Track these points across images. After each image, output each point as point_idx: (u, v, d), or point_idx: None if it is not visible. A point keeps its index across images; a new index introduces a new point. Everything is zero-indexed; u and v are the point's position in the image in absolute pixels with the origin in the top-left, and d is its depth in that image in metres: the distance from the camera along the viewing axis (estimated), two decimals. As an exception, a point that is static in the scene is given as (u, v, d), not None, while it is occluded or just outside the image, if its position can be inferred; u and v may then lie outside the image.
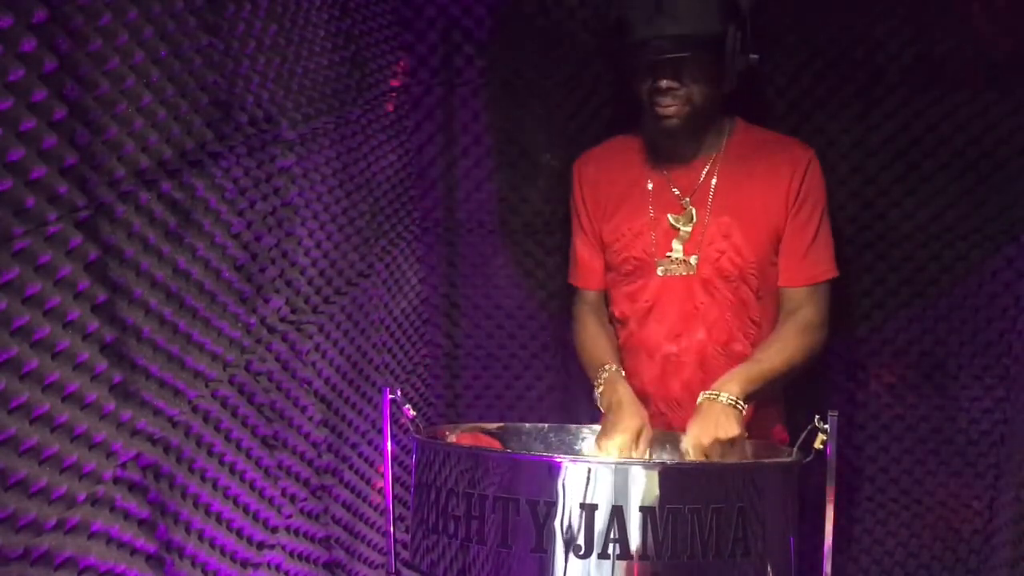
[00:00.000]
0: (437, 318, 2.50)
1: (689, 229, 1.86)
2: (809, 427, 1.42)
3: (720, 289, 1.87)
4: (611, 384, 1.82)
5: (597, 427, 1.86)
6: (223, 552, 1.47)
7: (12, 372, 1.02)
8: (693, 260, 1.86)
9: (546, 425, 1.85)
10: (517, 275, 2.42)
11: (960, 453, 2.28)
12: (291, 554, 1.69)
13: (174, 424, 1.33)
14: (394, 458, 1.58)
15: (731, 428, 1.63)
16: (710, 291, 1.87)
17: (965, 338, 2.21)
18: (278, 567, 1.65)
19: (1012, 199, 2.09)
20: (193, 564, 1.38)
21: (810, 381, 2.33)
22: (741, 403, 1.68)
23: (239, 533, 1.52)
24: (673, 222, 1.87)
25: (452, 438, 1.81)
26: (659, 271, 1.88)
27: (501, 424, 1.92)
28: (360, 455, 2.00)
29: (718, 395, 1.68)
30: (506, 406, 2.51)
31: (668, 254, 1.87)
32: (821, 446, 1.40)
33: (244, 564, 1.53)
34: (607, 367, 1.86)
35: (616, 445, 1.69)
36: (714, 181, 1.86)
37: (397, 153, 2.25)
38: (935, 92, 2.06)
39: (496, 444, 1.82)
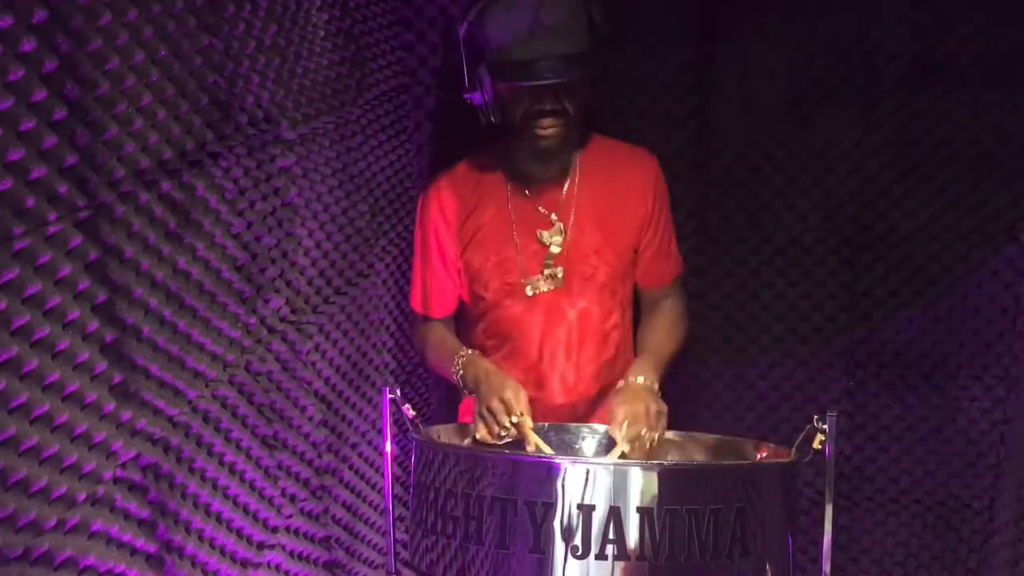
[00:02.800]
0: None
1: (560, 244, 1.87)
2: (808, 427, 1.42)
3: (589, 299, 1.90)
4: (472, 362, 1.84)
5: (597, 426, 1.86)
6: (223, 552, 1.47)
7: (12, 372, 1.02)
8: (560, 274, 1.87)
9: (546, 424, 1.85)
10: (517, 275, 2.41)
11: (960, 453, 2.28)
12: (291, 554, 1.69)
13: (174, 424, 1.33)
14: (394, 458, 1.58)
15: (660, 402, 1.71)
16: (576, 303, 1.90)
17: (965, 338, 2.21)
18: (278, 567, 1.65)
19: (1012, 199, 2.09)
20: (193, 564, 1.38)
21: (810, 381, 2.34)
22: (655, 385, 1.75)
23: (239, 533, 1.52)
24: (543, 239, 1.87)
25: (450, 438, 1.81)
26: (528, 291, 1.89)
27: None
28: (360, 455, 2.01)
29: (638, 379, 1.74)
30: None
31: (538, 274, 1.88)
32: (820, 446, 1.40)
33: (244, 564, 1.53)
34: (463, 351, 1.88)
35: (503, 406, 1.71)
36: (576, 193, 1.88)
37: (397, 153, 2.25)
38: (935, 92, 2.06)
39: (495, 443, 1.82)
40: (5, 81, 0.99)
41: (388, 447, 1.56)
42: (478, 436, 1.76)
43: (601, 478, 1.32)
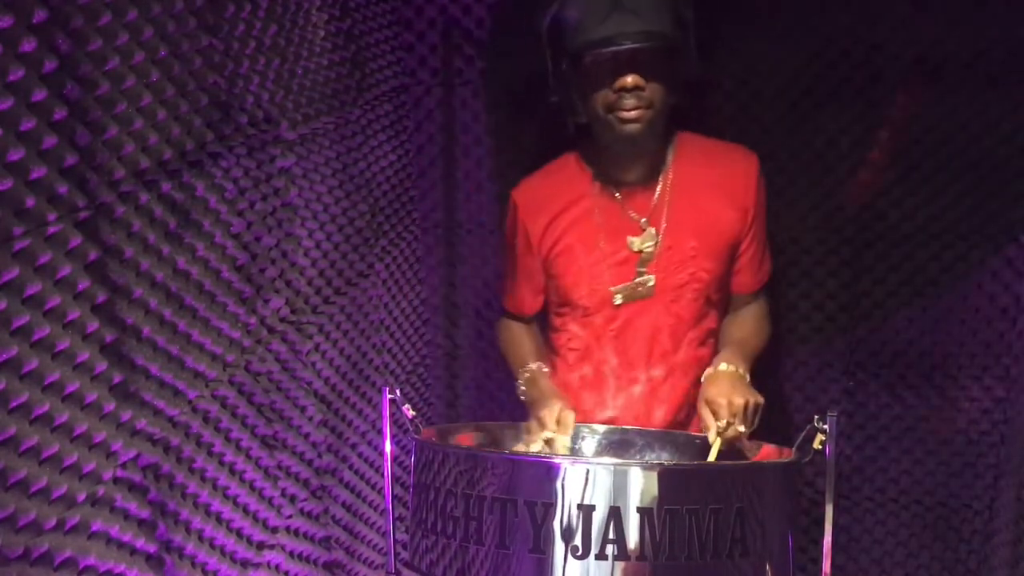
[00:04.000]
0: (437, 318, 2.50)
1: (652, 251, 1.79)
2: (808, 427, 1.42)
3: (683, 306, 1.82)
4: (532, 381, 1.83)
5: (597, 426, 1.86)
6: (223, 552, 1.47)
7: (12, 372, 1.02)
8: (651, 282, 1.80)
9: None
10: (517, 275, 2.41)
11: (960, 453, 2.28)
12: (291, 554, 1.69)
13: (174, 424, 1.33)
14: (394, 458, 1.58)
15: (757, 395, 1.64)
16: (672, 311, 1.82)
17: (965, 338, 2.21)
18: (278, 567, 1.65)
19: (1012, 199, 2.09)
20: (193, 564, 1.39)
21: (810, 381, 2.34)
22: (745, 375, 1.70)
23: (239, 533, 1.52)
24: (633, 245, 1.80)
25: (451, 438, 1.81)
26: (617, 299, 1.82)
27: (499, 423, 1.91)
28: (360, 455, 2.01)
29: (729, 366, 1.68)
30: (506, 406, 2.51)
31: (628, 281, 1.81)
32: (820, 446, 1.40)
33: (244, 564, 1.53)
34: (529, 366, 1.86)
35: (539, 424, 1.69)
36: (669, 198, 1.80)
37: (397, 153, 2.25)
38: (935, 92, 2.06)
39: (495, 443, 1.82)
40: (5, 81, 1.00)
41: (388, 447, 1.55)
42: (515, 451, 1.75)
43: (601, 478, 1.32)
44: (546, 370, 1.87)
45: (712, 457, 1.58)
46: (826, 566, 1.39)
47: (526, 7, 2.18)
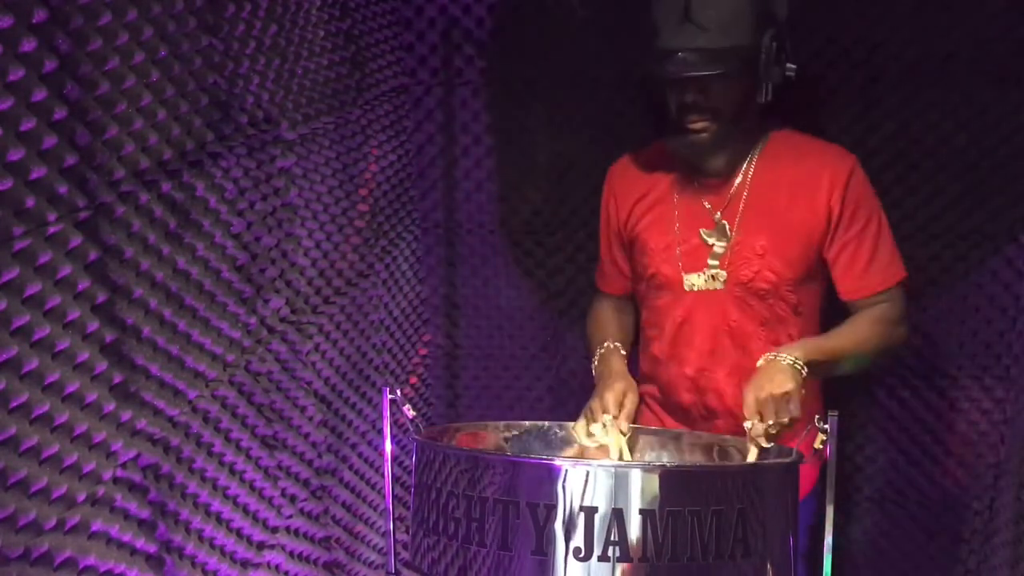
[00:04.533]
0: (437, 318, 2.50)
1: (724, 245, 1.77)
2: (808, 427, 1.42)
3: (753, 306, 1.79)
4: (605, 358, 1.86)
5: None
6: (223, 552, 1.47)
7: (12, 372, 1.02)
8: (722, 276, 1.78)
9: (546, 423, 1.85)
10: (517, 275, 2.41)
11: (960, 453, 2.28)
12: (291, 554, 1.69)
13: (174, 424, 1.33)
14: (394, 458, 1.58)
15: (785, 382, 1.56)
16: (742, 307, 1.79)
17: (965, 338, 2.21)
18: (278, 567, 1.65)
19: (1012, 199, 2.09)
20: (193, 564, 1.38)
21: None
22: (800, 363, 1.61)
23: (239, 533, 1.52)
24: (705, 237, 1.79)
25: (451, 438, 1.80)
26: (686, 286, 1.81)
27: (500, 423, 1.91)
28: (360, 455, 2.00)
29: (777, 355, 1.62)
30: (506, 406, 2.51)
31: (699, 271, 1.79)
32: (821, 446, 1.40)
33: (244, 564, 1.53)
34: (606, 343, 1.89)
35: (600, 404, 1.71)
36: (745, 194, 1.77)
37: (397, 153, 2.25)
38: (935, 92, 2.06)
39: (496, 443, 1.82)
40: (5, 81, 0.99)
41: (388, 447, 1.55)
42: (575, 431, 1.74)
43: (602, 480, 1.32)
44: (623, 352, 1.88)
45: (751, 458, 1.56)
46: (826, 566, 1.39)
47: (526, 7, 2.20)
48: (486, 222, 2.39)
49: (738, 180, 1.79)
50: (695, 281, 1.81)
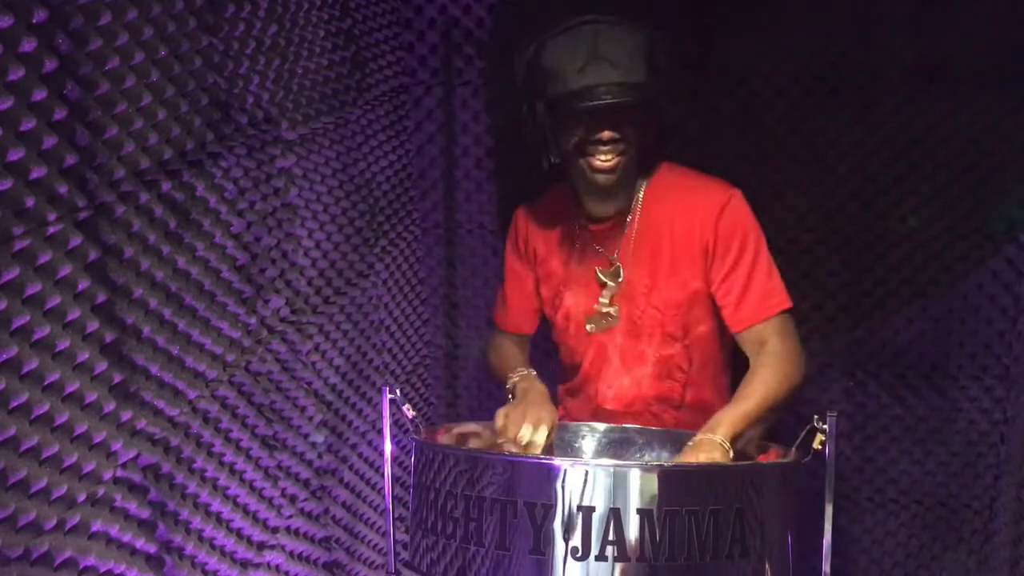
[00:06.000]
0: (437, 318, 2.50)
1: (616, 284, 1.84)
2: (808, 427, 1.42)
3: (645, 341, 1.85)
4: (524, 379, 1.84)
5: (597, 425, 1.86)
6: (223, 552, 1.47)
7: (12, 372, 1.02)
8: (615, 312, 1.84)
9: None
10: (517, 275, 2.41)
11: (960, 453, 2.28)
12: (291, 555, 1.69)
13: (174, 424, 1.33)
14: (394, 458, 1.58)
15: (714, 455, 1.57)
16: (636, 344, 1.86)
17: (965, 338, 2.21)
18: (278, 568, 1.65)
19: (1012, 199, 2.09)
20: (193, 564, 1.39)
21: (810, 381, 2.34)
22: (727, 444, 1.61)
23: (239, 533, 1.52)
24: (602, 277, 1.85)
25: (451, 438, 1.81)
26: (588, 327, 1.87)
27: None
28: (360, 455, 2.01)
29: (703, 436, 1.62)
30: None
31: (596, 308, 1.86)
32: (820, 446, 1.40)
33: (244, 564, 1.53)
34: (520, 370, 1.86)
35: (521, 421, 1.68)
36: (634, 234, 1.83)
37: (397, 153, 2.25)
38: (935, 92, 2.06)
39: (495, 443, 1.82)
40: (5, 81, 1.00)
41: (388, 447, 1.55)
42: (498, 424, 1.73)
43: (601, 479, 1.32)
44: (534, 374, 1.86)
45: None
46: (826, 566, 1.39)
47: (526, 7, 2.20)
48: (486, 222, 2.39)
49: (628, 221, 1.83)
50: (595, 321, 1.87)
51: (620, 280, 1.83)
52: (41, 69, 1.04)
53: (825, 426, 1.39)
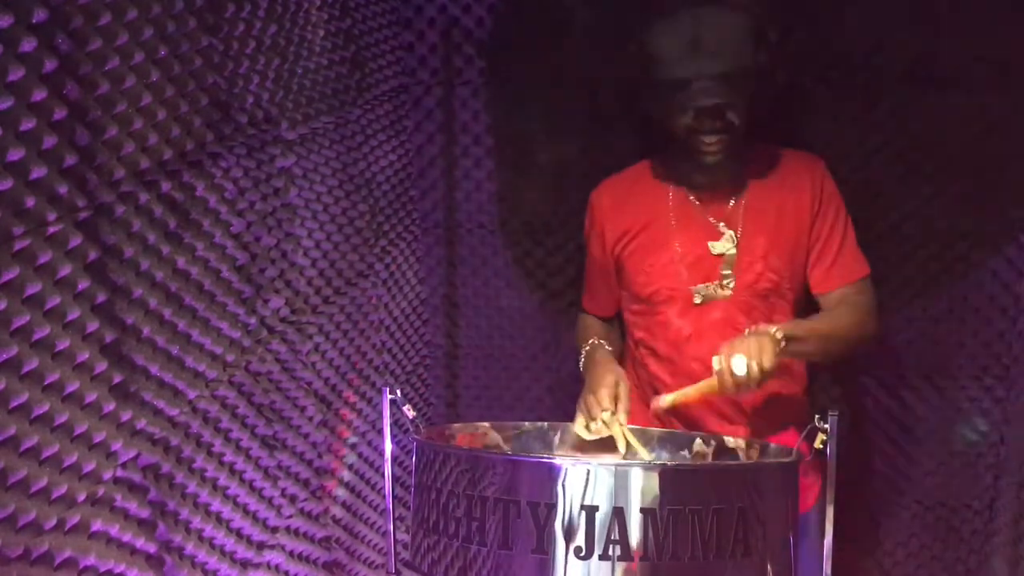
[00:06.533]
0: (437, 318, 2.50)
1: (733, 253, 1.83)
2: (809, 427, 1.42)
3: (758, 307, 1.85)
4: (590, 355, 1.90)
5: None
6: (223, 552, 1.47)
7: (12, 372, 1.02)
8: (730, 284, 1.84)
9: (546, 424, 1.85)
10: (517, 275, 2.41)
11: (960, 453, 2.28)
12: (291, 554, 1.69)
13: (174, 424, 1.33)
14: (394, 458, 1.58)
15: (766, 357, 1.61)
16: (747, 311, 1.84)
17: (965, 338, 2.21)
18: (278, 567, 1.65)
19: (1012, 199, 2.09)
20: (193, 564, 1.38)
21: (810, 381, 2.34)
22: (780, 334, 1.66)
23: (239, 533, 1.52)
24: (715, 249, 1.84)
25: (452, 438, 1.80)
26: (696, 299, 1.85)
27: (500, 423, 1.91)
28: (360, 455, 2.00)
29: (759, 327, 1.69)
30: (506, 406, 2.51)
31: (710, 281, 1.84)
32: (821, 446, 1.40)
33: (244, 564, 1.53)
34: (590, 341, 1.93)
35: (595, 400, 1.73)
36: (743, 203, 1.85)
37: (397, 153, 2.25)
38: (935, 92, 2.06)
39: (496, 443, 1.82)
40: (5, 81, 0.99)
41: (388, 447, 1.55)
42: (575, 428, 1.76)
43: (603, 478, 1.32)
44: (608, 347, 1.91)
45: (667, 401, 1.69)
46: (826, 566, 1.39)
47: (526, 7, 2.20)
48: (486, 222, 2.39)
49: (734, 191, 1.86)
50: (704, 292, 1.85)
51: (735, 249, 1.84)
52: (41, 69, 1.04)
53: (826, 426, 1.39)
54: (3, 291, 1.00)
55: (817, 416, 1.41)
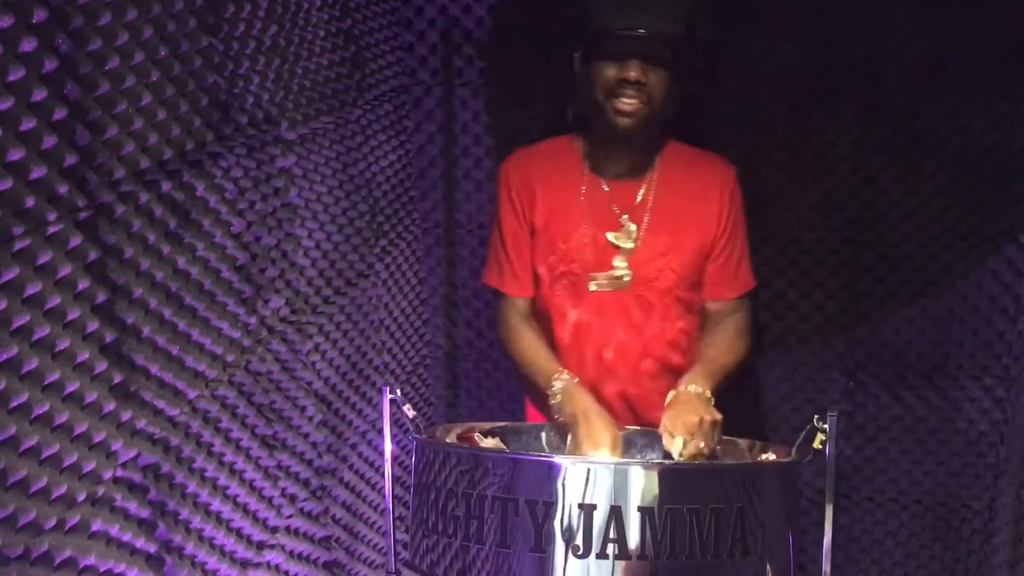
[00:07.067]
0: (437, 318, 2.50)
1: (631, 247, 1.84)
2: (808, 427, 1.42)
3: (654, 304, 1.87)
4: (569, 394, 1.76)
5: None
6: (223, 552, 1.47)
7: (12, 372, 1.02)
8: (627, 277, 1.85)
9: (545, 424, 1.85)
10: (517, 275, 2.41)
11: (960, 453, 2.28)
12: (291, 554, 1.69)
13: (174, 424, 1.33)
14: (394, 458, 1.58)
15: (714, 412, 1.64)
16: (644, 306, 1.87)
17: (965, 338, 2.21)
18: (278, 567, 1.65)
19: (1012, 199, 2.09)
20: (193, 564, 1.38)
21: (810, 381, 2.34)
22: (709, 394, 1.69)
23: (239, 533, 1.52)
24: (613, 240, 1.85)
25: (451, 438, 1.81)
26: (592, 286, 1.86)
27: (500, 423, 1.91)
28: (360, 455, 2.01)
29: (688, 387, 1.70)
30: (505, 406, 2.51)
31: (606, 272, 1.85)
32: (820, 446, 1.40)
33: (244, 564, 1.53)
34: (560, 376, 1.79)
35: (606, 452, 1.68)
36: (651, 198, 1.85)
37: (397, 153, 2.25)
38: (935, 92, 2.06)
39: (497, 443, 1.82)
40: (5, 81, 0.99)
41: (388, 447, 1.55)
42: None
43: (602, 477, 1.32)
44: (576, 379, 1.80)
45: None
46: (826, 566, 1.39)
47: (526, 7, 2.20)
48: (486, 222, 2.39)
49: (644, 186, 1.86)
50: (599, 281, 1.86)
51: (636, 242, 1.84)
52: (41, 69, 1.04)
53: (825, 426, 1.39)
54: (3, 291, 1.00)
55: (816, 416, 1.41)
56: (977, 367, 2.21)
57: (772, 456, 1.65)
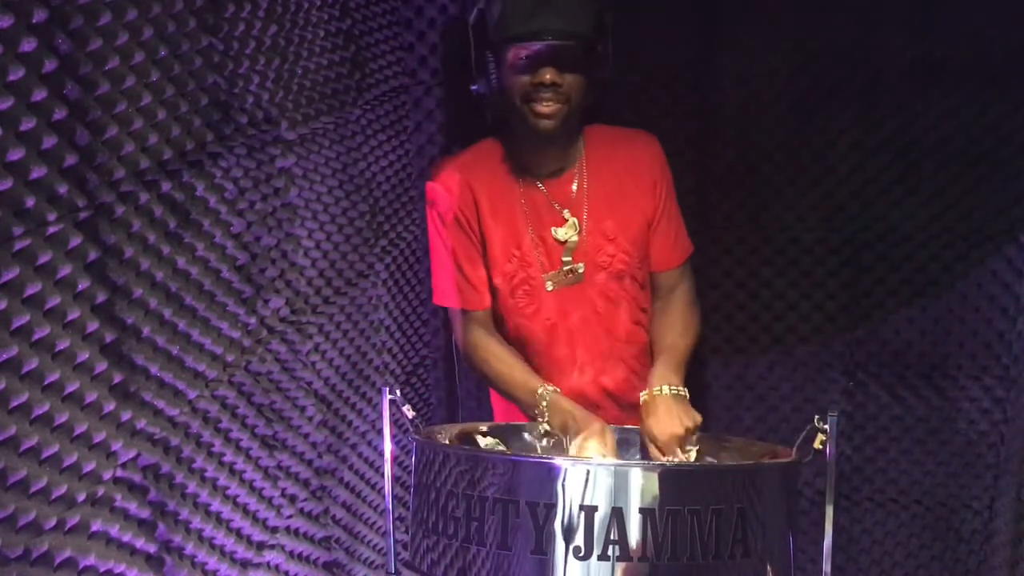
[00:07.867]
0: (437, 318, 2.50)
1: (576, 239, 1.85)
2: (809, 427, 1.42)
3: (614, 289, 1.89)
4: (556, 405, 1.74)
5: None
6: (223, 552, 1.47)
7: (12, 372, 1.02)
8: (580, 268, 1.86)
9: (545, 424, 1.85)
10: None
11: (959, 453, 2.28)
12: (291, 554, 1.69)
13: (174, 424, 1.33)
14: (394, 458, 1.58)
15: (694, 415, 1.68)
16: (603, 295, 1.89)
17: (965, 338, 2.21)
18: (278, 567, 1.65)
19: (1012, 199, 2.09)
20: (193, 564, 1.38)
21: (810, 381, 2.34)
22: (684, 390, 1.72)
23: (239, 533, 1.52)
24: (560, 236, 1.85)
25: (451, 438, 1.80)
26: (548, 286, 1.87)
27: (500, 423, 1.91)
28: (360, 455, 2.00)
29: (662, 389, 1.71)
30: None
31: (558, 269, 1.86)
32: (821, 446, 1.40)
33: (244, 564, 1.53)
34: (542, 390, 1.76)
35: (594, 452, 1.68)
36: (586, 186, 1.86)
37: (397, 153, 2.25)
38: (935, 92, 2.06)
39: (496, 443, 1.82)
40: (5, 81, 0.99)
41: (388, 447, 1.55)
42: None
43: (602, 479, 1.32)
44: (558, 390, 1.78)
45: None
46: (826, 566, 1.39)
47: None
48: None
49: (575, 176, 1.88)
50: (555, 279, 1.87)
51: (581, 233, 1.86)
52: (41, 69, 1.04)
53: (825, 426, 1.39)
54: (3, 291, 1.00)
55: (816, 416, 1.41)
56: (977, 367, 2.21)
57: (772, 456, 1.65)
